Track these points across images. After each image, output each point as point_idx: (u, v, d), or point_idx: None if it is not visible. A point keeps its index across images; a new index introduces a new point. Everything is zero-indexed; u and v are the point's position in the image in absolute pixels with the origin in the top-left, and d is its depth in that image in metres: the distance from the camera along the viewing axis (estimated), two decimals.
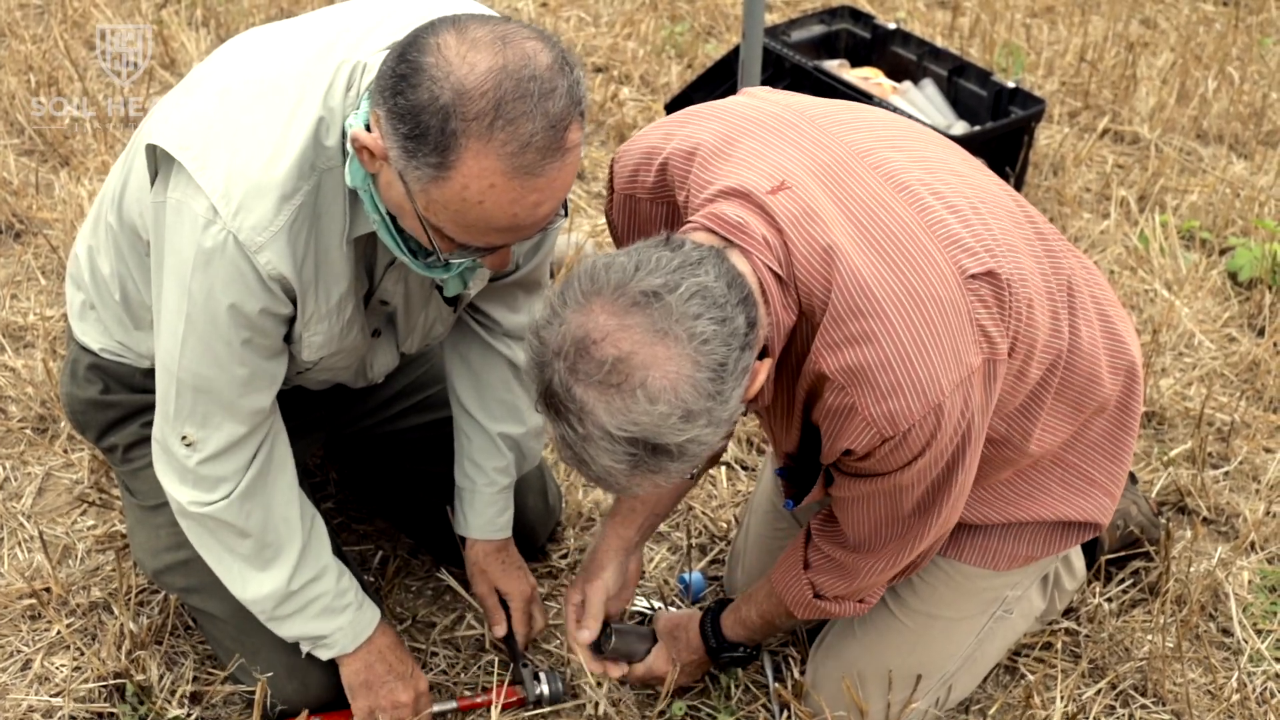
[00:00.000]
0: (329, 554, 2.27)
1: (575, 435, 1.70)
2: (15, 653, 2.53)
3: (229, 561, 2.21)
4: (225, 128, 1.92)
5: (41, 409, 3.05)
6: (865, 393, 1.82)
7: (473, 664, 2.58)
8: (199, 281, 1.94)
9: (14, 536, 2.77)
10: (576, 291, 1.70)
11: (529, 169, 1.72)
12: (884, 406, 1.82)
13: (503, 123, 1.69)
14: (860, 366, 1.81)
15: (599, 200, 3.92)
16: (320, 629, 2.27)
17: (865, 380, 1.82)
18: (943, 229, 1.87)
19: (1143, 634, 2.67)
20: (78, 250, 2.35)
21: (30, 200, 3.71)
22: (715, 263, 1.73)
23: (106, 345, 2.34)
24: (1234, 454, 3.13)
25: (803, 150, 1.93)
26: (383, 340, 2.29)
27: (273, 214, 1.90)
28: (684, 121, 2.04)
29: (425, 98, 1.70)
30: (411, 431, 2.61)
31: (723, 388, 1.70)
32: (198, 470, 2.12)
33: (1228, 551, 2.85)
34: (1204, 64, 4.77)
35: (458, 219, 1.78)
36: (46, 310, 3.35)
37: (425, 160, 1.73)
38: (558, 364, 1.68)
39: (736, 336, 1.71)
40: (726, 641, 2.41)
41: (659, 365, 1.65)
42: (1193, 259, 3.78)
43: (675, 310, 1.66)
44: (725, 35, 4.94)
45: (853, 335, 1.82)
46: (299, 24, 2.06)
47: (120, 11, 4.70)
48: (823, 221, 1.84)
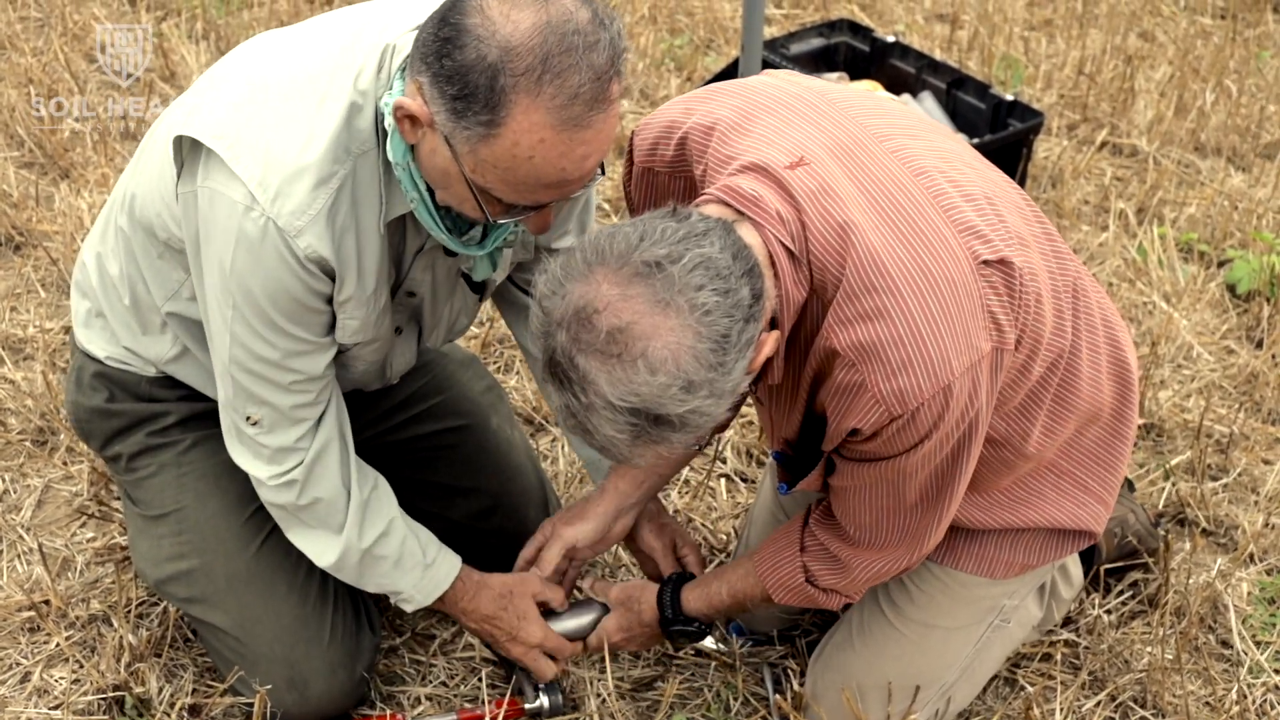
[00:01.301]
0: (395, 512, 2.28)
1: (579, 404, 1.70)
2: (14, 665, 2.53)
3: (307, 532, 2.25)
4: (258, 117, 1.94)
5: (41, 421, 3.05)
6: (875, 369, 1.82)
7: (471, 677, 2.58)
8: (240, 266, 1.96)
9: (13, 549, 2.77)
10: (579, 261, 1.70)
11: (577, 121, 1.75)
12: (894, 383, 1.81)
13: (550, 76, 1.72)
14: (872, 342, 1.81)
15: (598, 212, 3.93)
16: (395, 584, 2.30)
17: (876, 356, 1.81)
18: (958, 214, 1.88)
19: (1142, 646, 2.67)
20: (85, 258, 2.36)
21: (30, 213, 3.71)
22: (721, 234, 1.73)
23: (113, 353, 2.35)
24: (1233, 465, 3.13)
25: (821, 129, 1.93)
26: (403, 338, 2.31)
27: (310, 198, 1.92)
28: (706, 97, 2.05)
29: (472, 57, 1.72)
30: (414, 441, 2.61)
31: (725, 359, 1.70)
32: (268, 444, 2.16)
33: (1227, 563, 2.85)
34: (1202, 77, 4.78)
35: (507, 176, 1.81)
36: (46, 322, 3.35)
37: (475, 119, 1.75)
38: (560, 333, 1.69)
39: (740, 308, 1.71)
40: (682, 615, 2.39)
41: (660, 335, 1.66)
42: (1191, 271, 3.79)
43: (678, 281, 1.66)
44: (724, 48, 4.95)
45: (866, 311, 1.81)
46: (322, 20, 2.09)
47: (121, 24, 4.71)
48: (839, 198, 1.84)
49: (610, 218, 3.84)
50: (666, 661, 2.62)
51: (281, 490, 2.19)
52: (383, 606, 2.65)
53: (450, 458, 2.61)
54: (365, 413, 2.53)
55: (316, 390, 2.15)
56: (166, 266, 2.19)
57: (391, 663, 2.59)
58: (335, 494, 2.21)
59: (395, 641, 2.61)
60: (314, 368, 2.11)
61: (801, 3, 5.24)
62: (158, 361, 2.32)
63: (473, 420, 2.64)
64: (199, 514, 2.36)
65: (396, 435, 2.59)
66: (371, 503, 2.25)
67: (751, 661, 2.61)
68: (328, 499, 2.21)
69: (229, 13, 4.83)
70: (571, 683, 2.56)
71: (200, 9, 4.76)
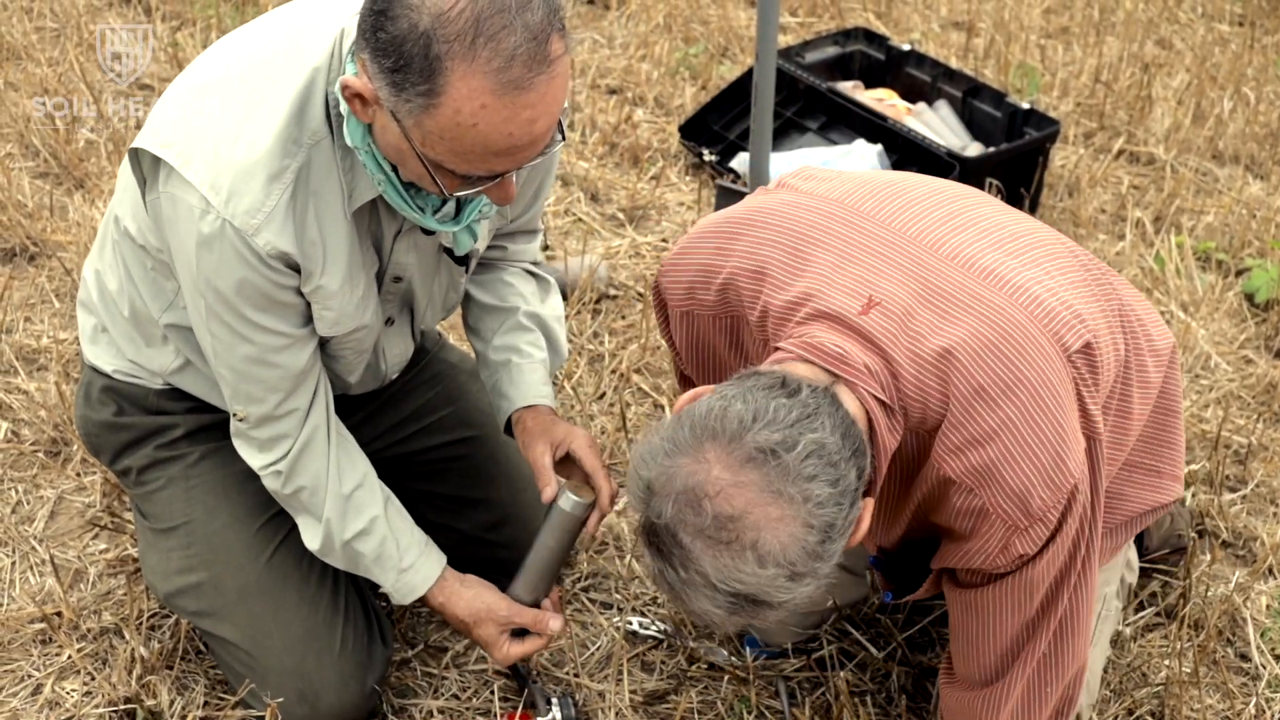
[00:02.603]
0: (378, 511, 2.27)
1: (676, 577, 1.70)
2: (26, 677, 2.53)
3: (298, 517, 2.27)
4: (203, 120, 1.94)
5: (54, 432, 3.05)
6: (995, 490, 1.82)
7: (484, 689, 2.56)
8: (206, 267, 1.97)
9: (25, 560, 2.76)
10: (688, 434, 1.70)
11: (517, 83, 1.72)
12: (1015, 501, 1.82)
13: (484, 40, 1.69)
14: (986, 465, 1.82)
15: (612, 222, 3.92)
16: (376, 578, 2.31)
17: (993, 478, 1.82)
18: (1038, 308, 1.87)
19: (1159, 659, 2.64)
20: (85, 274, 2.37)
21: (45, 223, 3.71)
22: (830, 412, 1.73)
23: (119, 367, 2.35)
24: (1251, 476, 3.10)
25: (878, 256, 1.92)
26: (395, 330, 2.31)
27: (264, 195, 1.91)
28: (735, 233, 2.03)
29: (405, 27, 1.70)
30: (423, 453, 2.61)
31: (830, 548, 1.70)
32: (257, 436, 2.18)
33: (1245, 576, 2.83)
34: (1219, 84, 4.76)
35: (455, 147, 1.78)
36: (60, 333, 3.35)
37: (414, 90, 1.73)
38: (665, 506, 1.68)
39: (848, 494, 1.71)
40: None
41: (771, 527, 1.65)
42: (1209, 280, 3.76)
43: (792, 470, 1.66)
44: (739, 57, 4.94)
45: (974, 437, 1.82)
46: (274, 13, 2.08)
47: (137, 34, 4.72)
48: (920, 332, 1.84)
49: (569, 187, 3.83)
50: (680, 675, 2.61)
51: (270, 479, 2.22)
52: (395, 618, 2.65)
53: (460, 469, 2.60)
54: (375, 425, 2.52)
55: (300, 385, 2.14)
56: (159, 278, 2.19)
57: (403, 675, 2.57)
58: (318, 484, 2.22)
59: (407, 654, 2.60)
60: (295, 362, 2.11)
61: (817, 11, 5.22)
62: (162, 373, 2.32)
63: (482, 432, 2.63)
64: (208, 527, 2.35)
65: (406, 447, 2.59)
66: (355, 498, 2.25)
67: (766, 674, 2.60)
68: (310, 488, 2.22)
69: (243, 20, 4.83)
70: (585, 696, 2.55)
71: (215, 18, 4.76)
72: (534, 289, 2.48)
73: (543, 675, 2.58)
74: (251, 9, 4.89)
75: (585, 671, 2.60)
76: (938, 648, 2.65)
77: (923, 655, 2.62)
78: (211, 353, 2.10)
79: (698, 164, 4.25)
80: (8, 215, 3.68)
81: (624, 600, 2.75)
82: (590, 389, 3.28)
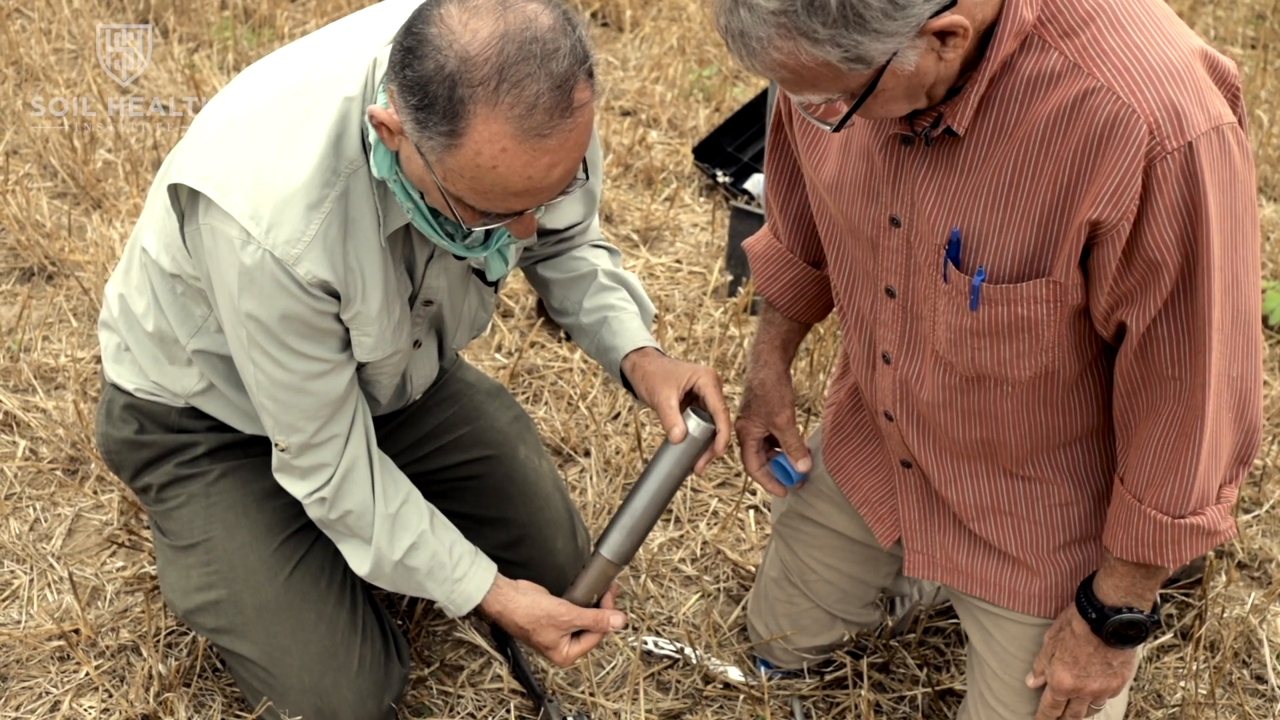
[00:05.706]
0: (425, 525, 2.28)
1: None
2: (44, 694, 2.54)
3: (344, 541, 2.27)
4: (239, 151, 1.95)
5: (72, 450, 3.07)
6: (1118, 75, 1.67)
7: (500, 708, 2.57)
8: (247, 298, 1.98)
9: (43, 578, 2.77)
10: None
11: (538, 130, 1.73)
12: (1152, 90, 1.65)
13: (508, 86, 1.71)
14: (1088, 43, 1.69)
15: (626, 243, 3.93)
16: (430, 594, 2.31)
17: (1104, 57, 1.67)
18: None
19: (1175, 680, 2.64)
20: (108, 297, 2.38)
21: (63, 243, 3.74)
22: None
23: (141, 385, 2.36)
24: (1266, 498, 3.10)
25: None
26: (422, 351, 2.32)
27: (304, 224, 1.93)
28: None
29: (431, 67, 1.72)
30: (441, 472, 2.61)
31: None
32: (299, 464, 2.19)
33: (1261, 597, 2.83)
34: None
35: (474, 186, 1.80)
36: (78, 352, 3.37)
37: (437, 129, 1.75)
38: None
39: None
40: (1109, 608, 2.04)
41: None
42: None
43: None
44: (752, 79, 4.96)
45: (1072, 24, 1.70)
46: (311, 39, 2.09)
47: (155, 55, 4.75)
48: None
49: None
50: (695, 694, 2.61)
51: (314, 506, 2.23)
52: (411, 637, 2.65)
53: (478, 488, 2.61)
54: (393, 444, 2.53)
55: (339, 411, 2.16)
56: (189, 303, 2.21)
57: (420, 694, 2.58)
58: (364, 508, 2.23)
59: (424, 672, 2.61)
60: (334, 388, 2.12)
61: None
62: (185, 394, 2.33)
63: (500, 450, 2.64)
64: (227, 544, 2.36)
65: (424, 466, 2.60)
66: (401, 515, 2.26)
67: (781, 694, 2.60)
68: (357, 512, 2.23)
69: (260, 44, 4.87)
70: (600, 715, 2.55)
71: (231, 40, 4.79)
72: (605, 255, 2.51)
73: (559, 694, 2.59)
74: (268, 31, 4.93)
75: (601, 691, 2.60)
76: (954, 669, 2.65)
77: (939, 675, 2.63)
78: (254, 382, 2.11)
79: (711, 185, 4.26)
80: (26, 235, 3.71)
81: (639, 620, 2.75)
82: (605, 409, 3.29)
